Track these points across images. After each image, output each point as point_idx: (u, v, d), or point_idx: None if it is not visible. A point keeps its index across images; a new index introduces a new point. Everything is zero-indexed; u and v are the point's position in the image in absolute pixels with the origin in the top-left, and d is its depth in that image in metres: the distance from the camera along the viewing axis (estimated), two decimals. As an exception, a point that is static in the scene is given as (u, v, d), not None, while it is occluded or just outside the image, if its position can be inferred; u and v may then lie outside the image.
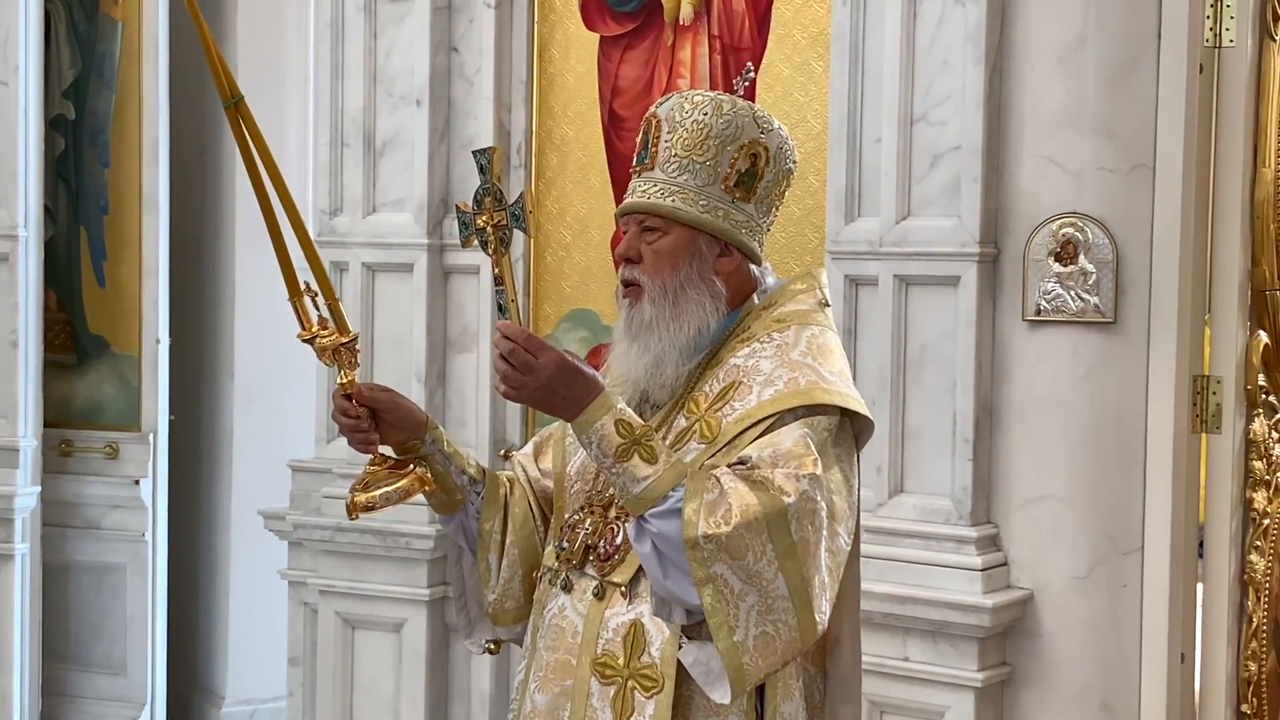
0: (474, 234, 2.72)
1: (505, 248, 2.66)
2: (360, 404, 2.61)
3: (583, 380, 2.42)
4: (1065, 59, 3.70)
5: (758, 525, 2.33)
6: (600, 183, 4.50)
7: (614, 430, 2.40)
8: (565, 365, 2.41)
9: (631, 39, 4.44)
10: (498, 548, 2.74)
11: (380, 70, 4.69)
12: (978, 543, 3.75)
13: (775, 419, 2.45)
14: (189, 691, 6.24)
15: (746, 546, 2.32)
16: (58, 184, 5.78)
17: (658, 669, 2.46)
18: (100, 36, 5.70)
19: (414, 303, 4.66)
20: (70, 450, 5.76)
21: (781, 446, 2.40)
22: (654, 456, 2.39)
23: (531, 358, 2.40)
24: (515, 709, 2.67)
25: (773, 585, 2.34)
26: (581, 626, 2.54)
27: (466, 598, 2.84)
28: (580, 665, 2.53)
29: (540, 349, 2.41)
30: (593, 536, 2.57)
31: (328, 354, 2.62)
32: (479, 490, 2.74)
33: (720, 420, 2.48)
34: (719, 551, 2.31)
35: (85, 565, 5.77)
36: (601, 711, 2.50)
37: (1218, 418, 3.67)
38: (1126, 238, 3.66)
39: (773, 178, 2.60)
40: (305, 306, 2.61)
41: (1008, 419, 3.79)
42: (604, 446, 2.40)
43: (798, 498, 2.35)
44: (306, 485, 4.90)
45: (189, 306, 6.05)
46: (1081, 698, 3.73)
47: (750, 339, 2.56)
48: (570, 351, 2.46)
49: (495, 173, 2.67)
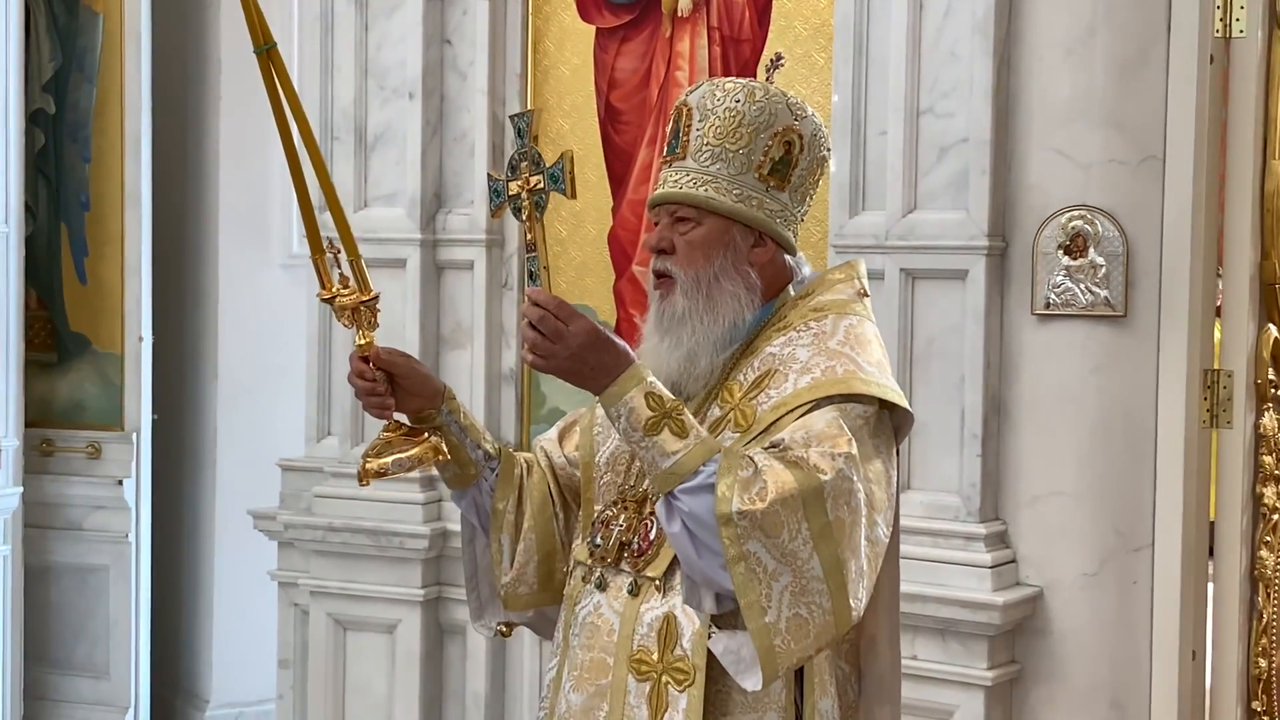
0: (506, 201, 2.64)
1: (540, 213, 2.58)
2: (378, 367, 2.55)
3: (613, 351, 2.36)
4: (1074, 50, 3.66)
5: (793, 502, 2.26)
6: (597, 177, 4.44)
7: (644, 403, 2.33)
8: (596, 334, 2.34)
9: (628, 31, 4.38)
10: (511, 528, 2.68)
11: (371, 63, 4.63)
12: (986, 540, 3.71)
13: (811, 406, 2.39)
14: (173, 695, 6.17)
15: (782, 523, 2.25)
16: (38, 180, 5.70)
17: (689, 660, 2.40)
18: (81, 30, 5.62)
19: (407, 299, 4.59)
20: (51, 450, 5.68)
21: (814, 428, 2.34)
22: (684, 431, 2.32)
23: (562, 325, 2.33)
24: (547, 708, 2.60)
25: (808, 565, 2.27)
26: (618, 625, 2.48)
27: (478, 579, 2.78)
28: (617, 664, 2.47)
29: (571, 316, 2.34)
30: (627, 533, 2.51)
31: (347, 313, 2.55)
32: (494, 467, 2.67)
33: (755, 408, 2.43)
34: (753, 528, 2.24)
35: (67, 567, 5.70)
36: (638, 709, 2.44)
37: (1228, 412, 3.64)
38: (1137, 230, 3.62)
39: (807, 165, 2.54)
40: (325, 265, 2.54)
41: (1016, 414, 3.75)
42: (633, 420, 2.33)
43: (834, 475, 2.29)
44: (297, 485, 4.83)
45: (172, 304, 5.97)
46: (1091, 695, 3.69)
47: (786, 328, 2.50)
48: (603, 322, 2.39)
49: (534, 134, 2.60)
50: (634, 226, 4.37)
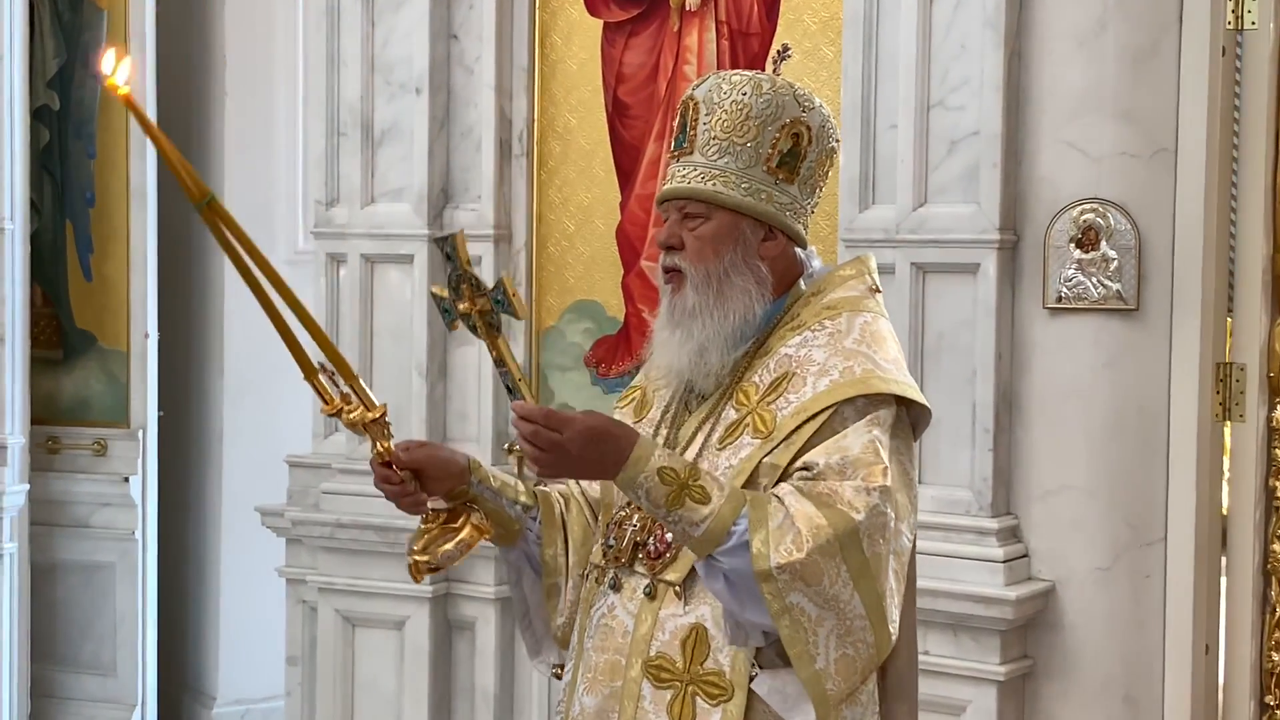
0: (458, 318, 2.59)
1: (497, 331, 2.53)
2: (402, 469, 2.51)
3: (613, 438, 2.33)
4: (1085, 42, 3.64)
5: (830, 547, 2.27)
6: (604, 171, 4.43)
7: (659, 481, 2.31)
8: (592, 431, 2.32)
9: (636, 25, 4.37)
10: (563, 572, 2.67)
11: (378, 58, 4.61)
12: (999, 534, 3.70)
13: (832, 410, 2.38)
14: (179, 692, 6.15)
15: (822, 571, 2.27)
16: (42, 176, 5.68)
17: (726, 677, 2.40)
18: (85, 25, 5.60)
19: (415, 295, 4.57)
20: (58, 448, 5.66)
21: (850, 452, 2.34)
22: (707, 496, 2.30)
23: (556, 434, 2.30)
24: (563, 711, 2.59)
25: (850, 606, 2.30)
26: (632, 626, 2.47)
27: (531, 615, 2.76)
28: (631, 666, 2.46)
29: (562, 423, 2.30)
30: (641, 534, 2.49)
31: (358, 429, 2.49)
32: (534, 516, 2.66)
33: (775, 414, 2.41)
34: (794, 580, 2.26)
35: (74, 564, 5.68)
36: (655, 715, 2.43)
37: (1241, 406, 3.62)
38: (1149, 223, 3.60)
39: (816, 157, 2.52)
40: (323, 384, 2.47)
41: (1028, 409, 3.73)
42: (653, 499, 2.32)
43: (868, 514, 2.29)
44: (305, 481, 4.82)
45: (178, 300, 5.95)
46: (1104, 690, 3.68)
47: (800, 327, 2.48)
48: (590, 411, 2.37)
49: (463, 259, 2.52)
50: (642, 221, 4.36)
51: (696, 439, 2.50)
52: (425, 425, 4.54)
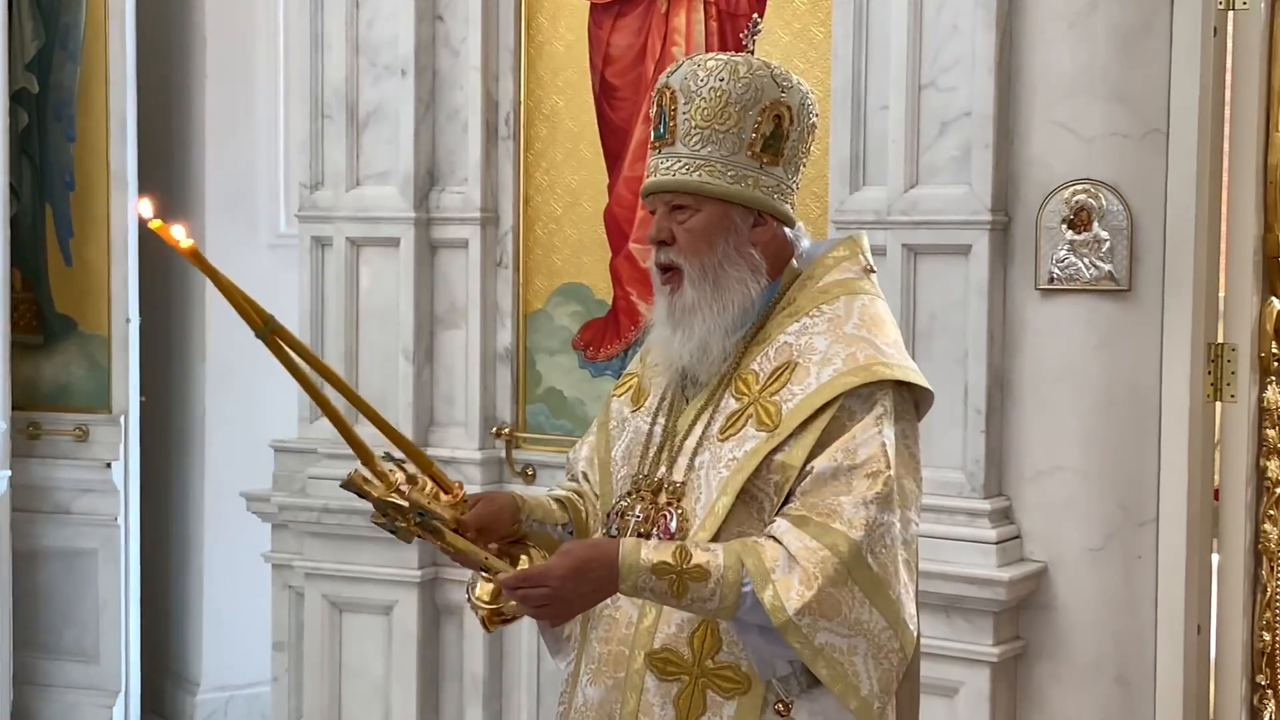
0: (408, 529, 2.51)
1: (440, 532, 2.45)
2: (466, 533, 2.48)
3: (596, 563, 2.33)
4: (1076, 23, 3.64)
5: (839, 576, 2.29)
6: (592, 153, 4.40)
7: (655, 579, 2.32)
8: (574, 568, 2.32)
9: (623, 5, 4.34)
10: None
11: (363, 40, 4.58)
12: (991, 515, 3.70)
13: (839, 403, 2.37)
14: (163, 678, 6.13)
15: (838, 601, 2.29)
16: (21, 160, 5.63)
17: (741, 669, 2.40)
18: (64, 7, 5.55)
19: (400, 278, 4.55)
20: (38, 433, 5.62)
21: (857, 457, 2.34)
22: (705, 574, 2.31)
23: (544, 589, 2.32)
24: (565, 701, 2.57)
25: (873, 623, 2.32)
26: (635, 617, 2.46)
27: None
28: (634, 658, 2.45)
29: (543, 577, 2.32)
30: (644, 524, 2.47)
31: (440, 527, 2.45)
32: (571, 530, 2.66)
33: (779, 405, 2.40)
34: (816, 620, 2.28)
35: (55, 551, 5.65)
36: (661, 707, 2.42)
37: (1232, 386, 3.62)
38: (1140, 204, 3.60)
39: (798, 136, 2.50)
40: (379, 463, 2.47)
41: (1020, 390, 3.73)
42: (659, 594, 2.33)
43: (866, 530, 2.31)
44: (290, 466, 4.79)
45: (159, 285, 5.90)
46: (1096, 670, 3.68)
47: (798, 313, 2.47)
48: (562, 550, 2.35)
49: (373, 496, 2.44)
50: (630, 204, 4.34)
51: (695, 429, 2.49)
52: (412, 410, 4.52)
